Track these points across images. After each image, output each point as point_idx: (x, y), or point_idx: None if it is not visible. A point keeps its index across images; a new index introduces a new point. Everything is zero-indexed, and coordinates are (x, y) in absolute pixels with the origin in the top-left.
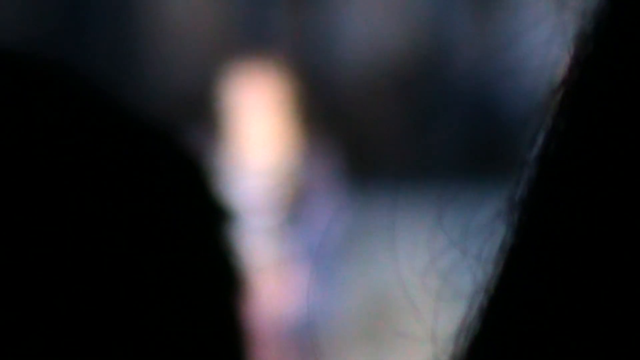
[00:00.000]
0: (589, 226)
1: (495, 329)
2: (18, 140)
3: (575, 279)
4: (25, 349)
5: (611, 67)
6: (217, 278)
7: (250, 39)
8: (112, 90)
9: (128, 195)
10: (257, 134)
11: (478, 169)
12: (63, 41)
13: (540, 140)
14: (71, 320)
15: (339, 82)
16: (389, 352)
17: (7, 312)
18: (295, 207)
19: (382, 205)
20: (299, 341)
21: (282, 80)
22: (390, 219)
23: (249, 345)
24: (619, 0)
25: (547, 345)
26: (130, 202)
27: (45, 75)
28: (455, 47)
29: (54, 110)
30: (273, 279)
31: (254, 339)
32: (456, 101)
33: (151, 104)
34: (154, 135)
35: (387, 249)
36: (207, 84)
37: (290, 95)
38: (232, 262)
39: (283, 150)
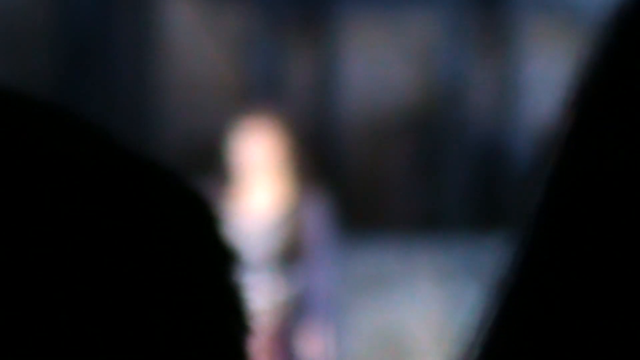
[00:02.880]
0: (586, 265)
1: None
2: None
3: (576, 315)
4: (25, 349)
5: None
6: (226, 318)
7: (262, 92)
8: (123, 137)
9: (135, 238)
10: (264, 185)
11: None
12: (79, 91)
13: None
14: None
15: (349, 133)
16: None
17: (7, 313)
18: (299, 256)
19: (390, 251)
20: None
21: (291, 133)
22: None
23: None
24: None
25: None
26: (137, 245)
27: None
28: (465, 93)
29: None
30: (273, 327)
31: None
32: (465, 147)
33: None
34: (162, 178)
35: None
36: (217, 134)
37: (298, 147)
38: (241, 302)
39: (289, 201)
